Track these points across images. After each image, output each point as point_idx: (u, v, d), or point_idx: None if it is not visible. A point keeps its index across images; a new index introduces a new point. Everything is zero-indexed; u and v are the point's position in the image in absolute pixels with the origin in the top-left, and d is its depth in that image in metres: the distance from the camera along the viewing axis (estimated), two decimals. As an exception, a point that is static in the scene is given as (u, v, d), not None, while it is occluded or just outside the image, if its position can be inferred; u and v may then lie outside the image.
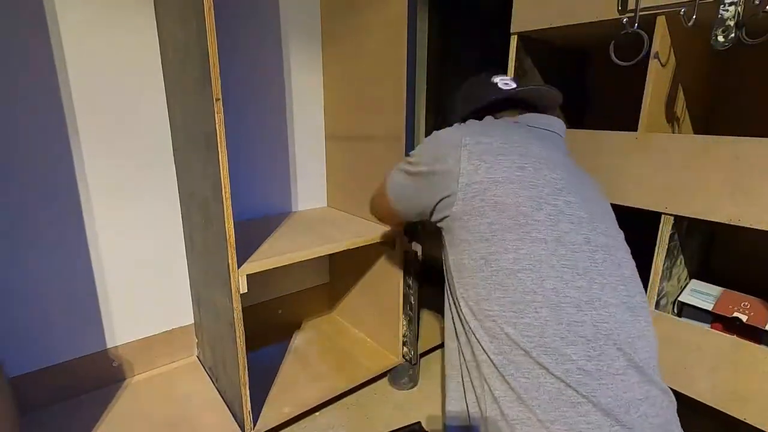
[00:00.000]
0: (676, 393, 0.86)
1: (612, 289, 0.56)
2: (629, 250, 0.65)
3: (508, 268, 0.55)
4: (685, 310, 0.91)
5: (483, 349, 0.56)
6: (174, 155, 1.16)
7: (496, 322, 0.55)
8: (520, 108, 0.76)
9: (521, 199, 0.57)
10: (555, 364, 0.52)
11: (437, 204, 0.64)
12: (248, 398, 0.98)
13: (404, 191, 0.72)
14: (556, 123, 0.73)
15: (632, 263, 0.63)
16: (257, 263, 0.94)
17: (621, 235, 0.65)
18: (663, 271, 0.86)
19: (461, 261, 0.60)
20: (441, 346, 1.41)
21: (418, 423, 0.74)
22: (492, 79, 0.77)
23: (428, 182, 0.65)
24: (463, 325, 0.61)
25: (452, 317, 0.66)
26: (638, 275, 0.63)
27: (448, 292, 0.67)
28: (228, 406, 1.08)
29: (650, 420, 0.54)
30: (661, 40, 0.80)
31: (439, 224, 0.67)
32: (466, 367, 0.61)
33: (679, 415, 0.61)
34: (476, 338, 0.57)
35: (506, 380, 0.53)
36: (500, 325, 0.55)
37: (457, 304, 0.62)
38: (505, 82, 0.76)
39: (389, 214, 0.81)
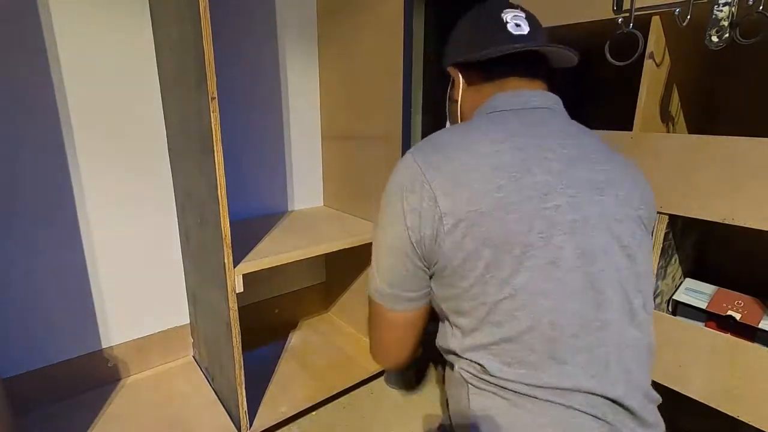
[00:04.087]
0: (671, 391, 0.87)
1: (610, 304, 0.52)
2: (646, 232, 0.57)
3: (504, 309, 0.50)
4: (679, 309, 0.92)
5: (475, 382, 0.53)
6: (169, 154, 1.15)
7: (488, 360, 0.52)
8: (518, 71, 0.61)
9: (510, 225, 0.50)
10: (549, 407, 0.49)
11: (429, 246, 0.54)
12: (244, 398, 0.98)
13: (394, 265, 0.57)
14: (551, 99, 0.61)
15: (643, 252, 0.56)
16: (253, 263, 0.93)
17: (633, 212, 0.55)
18: (658, 270, 0.86)
19: (459, 306, 0.54)
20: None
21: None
22: (502, 14, 0.62)
23: (409, 229, 0.54)
24: (455, 355, 0.57)
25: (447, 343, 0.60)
26: (649, 270, 0.57)
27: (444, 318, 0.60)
28: (224, 405, 1.08)
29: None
30: (656, 40, 0.80)
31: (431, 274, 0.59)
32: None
33: (673, 414, 0.61)
34: (466, 370, 0.55)
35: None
36: (495, 363, 0.52)
37: (452, 331, 0.57)
38: (516, 21, 0.61)
39: (399, 331, 0.62)
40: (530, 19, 0.63)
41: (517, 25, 0.60)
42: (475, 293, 0.51)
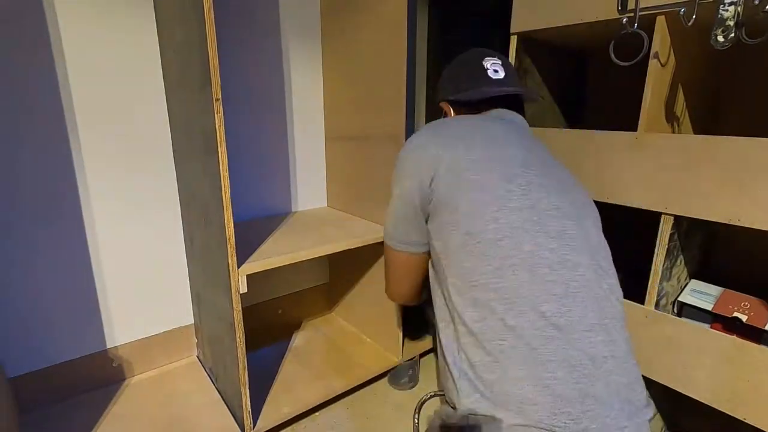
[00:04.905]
0: (675, 393, 0.87)
1: (580, 252, 0.62)
2: (599, 221, 0.71)
3: (490, 239, 0.60)
4: (684, 310, 0.91)
5: (464, 322, 0.61)
6: (174, 156, 1.15)
7: (479, 290, 0.60)
8: (495, 105, 0.80)
9: (495, 174, 0.64)
10: (529, 323, 0.56)
11: (427, 191, 0.68)
12: (248, 398, 0.98)
13: (400, 213, 0.74)
14: (520, 119, 0.80)
15: (599, 231, 0.69)
16: (257, 263, 0.94)
17: (591, 206, 0.72)
18: (663, 271, 0.86)
19: (448, 242, 0.65)
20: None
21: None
22: (483, 62, 0.80)
23: (415, 180, 0.70)
24: (448, 306, 0.65)
25: (441, 305, 0.70)
26: (606, 244, 0.69)
27: (436, 284, 0.71)
28: (228, 406, 1.08)
29: (614, 377, 0.57)
30: (661, 40, 0.80)
31: (429, 223, 0.72)
32: (451, 346, 0.64)
33: (677, 415, 0.62)
34: (458, 314, 0.62)
35: (483, 346, 0.58)
36: (484, 292, 0.60)
37: (444, 291, 0.66)
38: (495, 68, 0.79)
39: (402, 269, 0.80)
40: (506, 65, 0.81)
41: (495, 71, 0.79)
42: (462, 225, 0.63)
